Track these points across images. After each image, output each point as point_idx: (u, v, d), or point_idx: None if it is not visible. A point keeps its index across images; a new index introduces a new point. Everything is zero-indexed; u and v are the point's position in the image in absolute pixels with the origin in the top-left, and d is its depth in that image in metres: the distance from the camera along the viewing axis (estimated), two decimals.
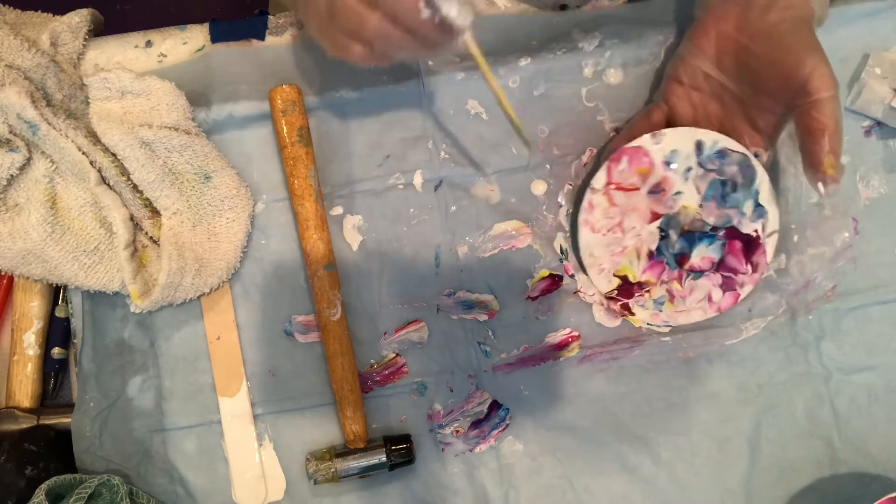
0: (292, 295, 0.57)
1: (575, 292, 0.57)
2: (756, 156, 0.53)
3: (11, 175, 0.52)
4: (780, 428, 0.57)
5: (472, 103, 0.58)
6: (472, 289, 0.57)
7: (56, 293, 0.59)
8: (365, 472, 0.54)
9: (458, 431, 0.57)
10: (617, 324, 0.57)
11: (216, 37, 0.58)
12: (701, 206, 0.54)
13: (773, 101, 0.50)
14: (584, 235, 0.55)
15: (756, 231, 0.54)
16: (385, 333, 0.57)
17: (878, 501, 0.51)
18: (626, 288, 0.56)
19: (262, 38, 0.59)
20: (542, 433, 0.57)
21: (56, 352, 0.58)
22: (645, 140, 0.53)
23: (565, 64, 0.58)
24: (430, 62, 0.58)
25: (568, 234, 0.58)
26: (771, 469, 0.57)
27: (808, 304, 0.58)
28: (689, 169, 0.54)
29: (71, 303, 0.56)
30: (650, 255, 0.55)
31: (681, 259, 0.55)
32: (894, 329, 0.58)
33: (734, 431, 0.57)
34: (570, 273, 0.58)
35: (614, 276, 0.55)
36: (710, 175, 0.54)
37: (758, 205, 0.54)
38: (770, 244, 0.54)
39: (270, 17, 0.60)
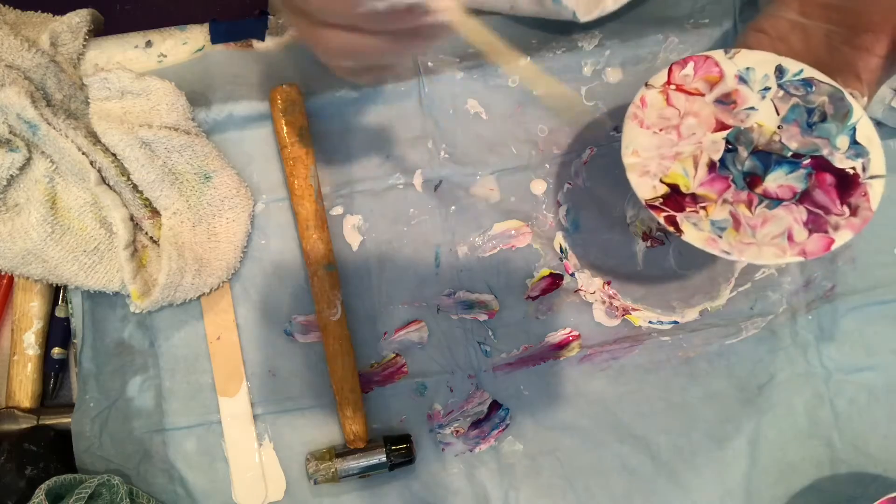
0: (292, 295, 0.57)
1: (575, 291, 0.57)
2: (852, 95, 0.48)
3: (11, 175, 0.52)
4: (780, 428, 0.57)
5: (472, 103, 0.58)
6: (472, 289, 0.57)
7: (56, 293, 0.59)
8: (365, 472, 0.54)
9: (458, 431, 0.57)
10: (617, 323, 0.57)
11: (216, 37, 0.58)
12: (780, 127, 0.48)
13: (874, 38, 0.47)
14: (630, 130, 0.48)
15: (854, 169, 0.46)
16: (385, 333, 0.57)
17: (878, 501, 0.51)
18: (675, 198, 0.47)
19: (261, 38, 0.59)
20: (542, 433, 0.57)
21: (56, 352, 0.58)
22: (716, 53, 0.49)
23: (565, 63, 0.58)
24: (428, 62, 0.58)
25: (567, 234, 0.58)
26: (771, 469, 0.57)
27: (808, 303, 0.58)
28: (766, 88, 0.48)
29: (71, 303, 0.56)
30: (711, 166, 0.47)
31: (752, 181, 0.47)
32: (894, 329, 0.58)
33: (734, 431, 0.57)
34: (570, 272, 0.58)
35: (661, 181, 0.47)
36: (793, 99, 0.48)
37: (855, 142, 0.47)
38: (875, 189, 0.46)
39: (270, 17, 0.60)
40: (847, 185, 0.46)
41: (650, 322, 0.57)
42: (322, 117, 0.58)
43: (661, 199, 0.47)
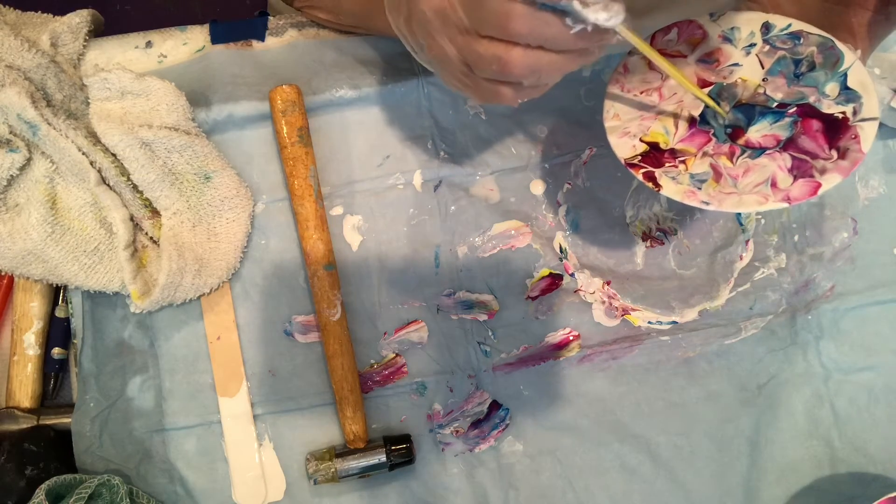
0: (292, 295, 0.57)
1: (575, 291, 0.57)
2: (847, 47, 0.47)
3: (11, 175, 0.52)
4: (780, 428, 0.57)
5: (472, 103, 0.58)
6: (471, 289, 0.57)
7: (56, 293, 0.59)
8: (365, 472, 0.54)
9: (457, 431, 0.57)
10: (616, 323, 0.57)
11: (216, 37, 0.59)
12: (765, 79, 0.47)
13: None
14: (612, 93, 0.48)
15: (843, 113, 0.44)
16: (385, 333, 0.57)
17: (878, 501, 0.51)
18: (654, 155, 0.46)
19: (261, 38, 0.59)
20: (542, 433, 0.57)
21: (56, 352, 0.58)
22: (701, 17, 0.48)
23: None
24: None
25: (567, 234, 0.58)
26: (771, 469, 0.57)
27: (808, 303, 0.58)
28: (751, 45, 0.47)
29: (71, 303, 0.56)
30: (692, 122, 0.46)
31: (734, 133, 0.46)
32: (893, 329, 0.58)
33: (734, 431, 0.57)
34: (569, 272, 0.58)
35: (641, 140, 0.46)
36: (779, 52, 0.47)
37: (846, 88, 0.45)
38: (867, 131, 0.43)
39: (270, 18, 0.60)
40: (835, 129, 0.44)
41: (649, 322, 0.57)
42: (322, 117, 0.58)
43: (639, 157, 0.46)
